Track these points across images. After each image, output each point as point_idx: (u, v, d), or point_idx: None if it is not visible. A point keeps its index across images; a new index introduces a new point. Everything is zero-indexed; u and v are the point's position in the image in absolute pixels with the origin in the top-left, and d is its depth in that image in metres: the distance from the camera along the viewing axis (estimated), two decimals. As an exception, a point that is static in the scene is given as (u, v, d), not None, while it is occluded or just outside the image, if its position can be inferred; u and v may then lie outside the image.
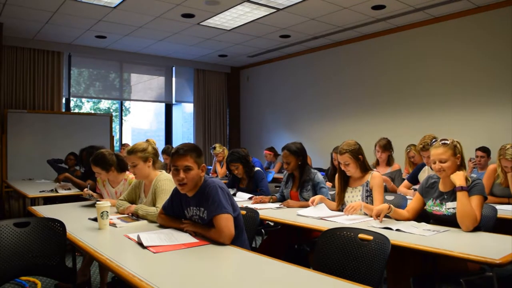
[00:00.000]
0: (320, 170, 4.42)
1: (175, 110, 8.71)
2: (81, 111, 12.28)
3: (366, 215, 2.63)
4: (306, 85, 7.48)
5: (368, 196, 2.80)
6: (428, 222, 2.37)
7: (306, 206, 2.99)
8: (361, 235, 1.87)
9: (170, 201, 2.31)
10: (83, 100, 12.75)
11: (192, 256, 1.79)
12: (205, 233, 2.02)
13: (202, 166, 2.12)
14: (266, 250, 2.90)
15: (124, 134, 8.52)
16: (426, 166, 3.66)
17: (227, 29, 6.05)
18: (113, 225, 2.35)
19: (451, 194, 2.32)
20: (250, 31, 6.19)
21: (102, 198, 3.21)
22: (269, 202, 3.38)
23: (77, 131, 6.63)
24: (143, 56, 7.63)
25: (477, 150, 4.41)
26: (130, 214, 2.61)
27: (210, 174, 6.21)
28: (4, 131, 6.09)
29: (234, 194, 3.79)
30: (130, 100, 8.28)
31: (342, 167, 2.87)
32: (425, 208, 2.46)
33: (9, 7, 5.06)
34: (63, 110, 6.99)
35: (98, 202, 2.29)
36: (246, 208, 2.67)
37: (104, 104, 13.42)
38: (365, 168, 2.87)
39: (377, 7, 5.13)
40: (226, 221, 1.97)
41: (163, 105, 8.52)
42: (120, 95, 7.90)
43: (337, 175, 2.99)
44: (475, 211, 2.17)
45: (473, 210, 2.16)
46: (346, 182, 2.93)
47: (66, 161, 5.55)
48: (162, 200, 2.48)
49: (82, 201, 3.30)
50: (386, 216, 2.41)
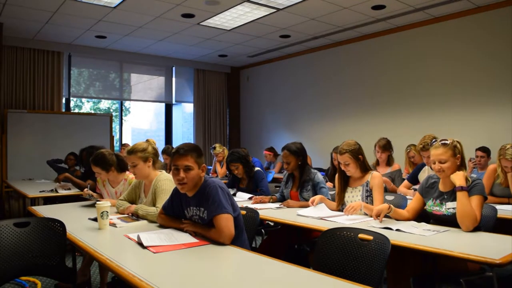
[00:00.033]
0: (320, 170, 4.42)
1: (175, 110, 8.70)
2: (81, 111, 12.28)
3: (366, 215, 2.63)
4: (306, 85, 7.48)
5: (368, 196, 2.80)
6: (428, 222, 2.37)
7: (306, 206, 2.99)
8: (361, 235, 1.87)
9: (170, 201, 2.31)
10: (83, 100, 12.76)
11: (192, 256, 1.79)
12: (205, 233, 2.02)
13: (202, 166, 2.12)
14: (266, 250, 2.90)
15: (124, 134, 8.53)
16: (426, 166, 3.66)
17: (227, 29, 6.05)
18: (113, 225, 2.35)
19: (451, 194, 2.32)
20: (250, 31, 6.19)
21: (102, 198, 3.21)
22: (269, 202, 3.38)
23: (77, 131, 6.63)
24: (143, 56, 7.63)
25: (477, 150, 4.41)
26: (130, 214, 2.61)
27: (210, 174, 6.21)
28: (4, 131, 6.09)
29: (234, 194, 3.79)
30: (130, 100, 8.28)
31: (342, 167, 2.87)
32: (425, 208, 2.46)
33: (9, 7, 5.06)
34: (63, 110, 6.99)
35: (98, 202, 2.29)
36: (246, 208, 2.67)
37: (104, 104, 13.42)
38: (365, 168, 2.87)
39: (377, 7, 5.13)
40: (226, 221, 1.97)
41: (163, 105, 8.52)
42: (120, 95, 7.90)
43: (337, 175, 2.99)
44: (475, 211, 2.17)
45: (473, 210, 2.16)
46: (346, 182, 2.93)
47: (66, 161, 5.56)
48: (162, 200, 2.48)
49: (82, 201, 3.30)
50: (386, 216, 2.41)
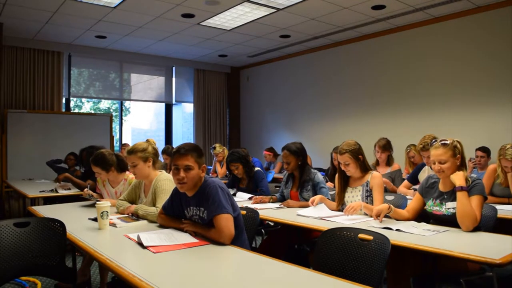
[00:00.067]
0: (320, 170, 4.42)
1: (175, 110, 8.70)
2: (81, 111, 12.28)
3: (366, 215, 2.63)
4: (306, 85, 7.48)
5: (368, 196, 2.80)
6: (428, 222, 2.37)
7: (306, 206, 2.99)
8: (361, 235, 1.87)
9: (170, 201, 2.31)
10: (83, 100, 12.76)
11: (192, 256, 1.79)
12: (205, 233, 2.02)
13: (202, 167, 2.12)
14: (266, 250, 2.90)
15: (124, 134, 8.53)
16: (426, 166, 3.66)
17: (227, 29, 6.05)
18: (113, 225, 2.35)
19: (451, 194, 2.32)
20: (250, 31, 6.19)
21: (102, 198, 3.21)
22: (269, 202, 3.38)
23: (77, 131, 6.63)
24: (143, 56, 7.63)
25: (477, 150, 4.41)
26: (130, 214, 2.61)
27: (210, 174, 6.21)
28: (4, 131, 6.09)
29: (234, 194, 3.79)
30: (130, 100, 8.28)
31: (342, 167, 2.87)
32: (425, 208, 2.46)
33: (9, 7, 5.06)
34: (63, 110, 6.99)
35: (98, 202, 2.29)
36: (246, 208, 2.67)
37: (104, 104, 13.42)
38: (365, 168, 2.87)
39: (377, 7, 5.13)
40: (226, 221, 1.97)
41: (163, 105, 8.52)
42: (120, 95, 7.90)
43: (337, 175, 2.99)
44: (475, 211, 2.16)
45: (473, 210, 2.16)
46: (346, 182, 2.93)
47: (66, 161, 5.56)
48: (162, 200, 2.48)
49: (82, 201, 3.30)
50: (386, 216, 2.41)
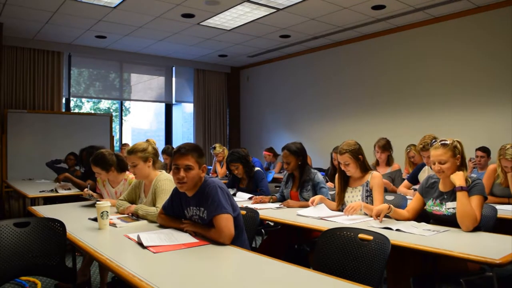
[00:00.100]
0: (320, 170, 4.42)
1: (175, 110, 8.70)
2: (81, 111, 12.28)
3: (366, 215, 2.63)
4: (306, 85, 7.47)
5: (368, 196, 2.80)
6: (428, 222, 2.37)
7: (306, 206, 2.99)
8: (361, 235, 1.87)
9: (170, 201, 2.31)
10: (83, 100, 12.76)
11: (192, 256, 1.79)
12: (205, 233, 2.02)
13: (203, 167, 2.12)
14: (266, 250, 2.90)
15: (124, 134, 8.53)
16: (426, 166, 3.66)
17: (227, 29, 6.05)
18: (113, 225, 2.35)
19: (451, 194, 2.32)
20: (250, 31, 6.19)
21: (102, 198, 3.21)
22: (269, 202, 3.38)
23: (77, 131, 6.64)
24: (143, 56, 7.63)
25: (477, 150, 4.41)
26: (130, 214, 2.61)
27: (210, 174, 6.21)
28: (4, 131, 6.09)
29: (234, 194, 3.79)
30: (130, 100, 8.28)
31: (342, 167, 2.87)
32: (425, 208, 2.46)
33: (9, 7, 5.06)
34: (63, 110, 6.99)
35: (98, 202, 2.29)
36: (246, 208, 2.67)
37: (104, 104, 13.42)
38: (365, 168, 2.87)
39: (377, 7, 5.13)
40: (226, 221, 1.97)
41: (163, 105, 8.52)
42: (120, 95, 7.90)
43: (337, 175, 2.99)
44: (475, 211, 2.16)
45: (473, 210, 2.16)
46: (346, 182, 2.93)
47: (66, 161, 5.57)
48: (162, 200, 2.48)
49: (82, 201, 3.30)
50: (386, 216, 2.41)
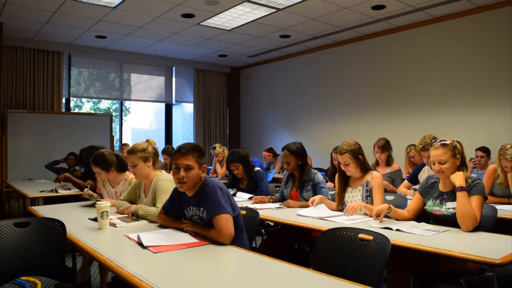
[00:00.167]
0: (320, 170, 4.42)
1: (175, 110, 8.70)
2: (81, 111, 12.28)
3: (366, 215, 2.63)
4: (306, 85, 7.47)
5: (368, 196, 2.80)
6: (428, 222, 2.37)
7: (306, 206, 2.99)
8: (361, 235, 1.87)
9: (170, 201, 2.31)
10: (83, 100, 12.76)
11: (192, 256, 1.79)
12: (205, 233, 2.02)
13: (203, 167, 2.12)
14: (266, 250, 2.90)
15: (124, 134, 8.53)
16: (426, 166, 3.66)
17: (227, 29, 6.05)
18: (113, 225, 2.35)
19: (451, 194, 2.32)
20: (250, 31, 6.19)
21: (102, 198, 3.21)
22: (269, 202, 3.38)
23: (77, 131, 6.64)
24: (143, 56, 7.63)
25: (477, 150, 4.41)
26: (130, 214, 2.61)
27: (210, 174, 6.21)
28: (4, 131, 6.09)
29: (234, 194, 3.79)
30: (130, 100, 8.28)
31: (342, 167, 2.87)
32: (425, 208, 2.46)
33: (9, 7, 5.06)
34: (63, 110, 6.99)
35: (98, 202, 2.29)
36: (246, 208, 2.67)
37: (104, 104, 13.42)
38: (365, 168, 2.87)
39: (377, 7, 5.13)
40: (226, 221, 1.97)
41: (163, 105, 8.52)
42: (120, 95, 7.90)
43: (337, 175, 2.99)
44: (475, 211, 2.16)
45: (473, 210, 2.16)
46: (346, 182, 2.93)
47: (66, 161, 5.57)
48: (162, 200, 2.48)
49: (82, 201, 3.30)
50: (386, 216, 2.40)
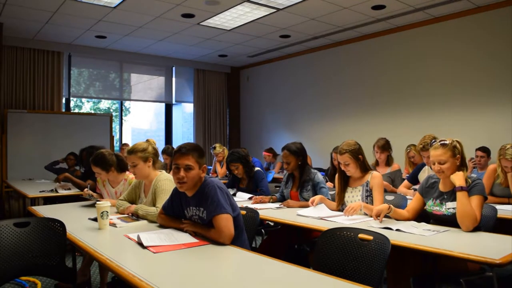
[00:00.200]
0: (320, 170, 4.42)
1: (175, 110, 8.70)
2: (81, 111, 12.28)
3: (366, 215, 2.63)
4: (306, 85, 7.47)
5: (368, 196, 2.80)
6: (428, 222, 2.37)
7: (306, 206, 2.99)
8: (361, 235, 1.87)
9: (170, 201, 2.31)
10: (83, 100, 12.76)
11: (192, 256, 1.79)
12: (205, 233, 2.02)
13: (203, 167, 2.12)
14: (266, 250, 2.90)
15: (124, 134, 8.53)
16: (426, 166, 3.65)
17: (227, 29, 6.05)
18: (113, 225, 2.35)
19: (451, 194, 2.32)
20: (250, 31, 6.19)
21: (102, 198, 3.21)
22: (269, 202, 3.38)
23: (77, 131, 6.64)
24: (143, 56, 7.63)
25: (477, 150, 4.41)
26: (130, 214, 2.61)
27: (210, 174, 6.21)
28: (4, 131, 6.09)
29: (234, 194, 3.79)
30: (130, 100, 8.28)
31: (342, 167, 2.87)
32: (425, 208, 2.46)
33: (9, 7, 5.06)
34: (63, 110, 6.99)
35: (98, 202, 2.29)
36: (246, 208, 2.67)
37: (104, 104, 13.42)
38: (365, 168, 2.87)
39: (377, 7, 5.13)
40: (226, 221, 1.97)
41: (163, 105, 8.52)
42: (120, 95, 7.89)
43: (337, 175, 2.99)
44: (475, 211, 2.16)
45: (473, 210, 2.16)
46: (346, 182, 2.93)
47: (66, 161, 5.57)
48: (162, 200, 2.48)
49: (82, 201, 3.30)
50: (386, 216, 2.40)
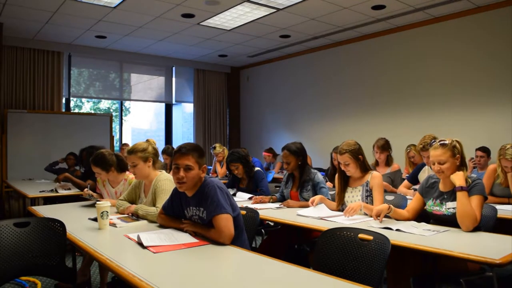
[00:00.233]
0: (320, 170, 4.42)
1: (175, 110, 8.70)
2: (81, 111, 12.28)
3: (366, 215, 2.63)
4: (306, 85, 7.47)
5: (368, 196, 2.80)
6: (428, 222, 2.37)
7: (306, 206, 2.99)
8: (361, 235, 1.87)
9: (170, 201, 2.31)
10: (83, 100, 12.76)
11: (192, 256, 1.79)
12: (205, 233, 2.02)
13: (203, 167, 2.12)
14: (266, 250, 2.90)
15: (124, 134, 8.53)
16: (426, 166, 3.66)
17: (227, 29, 6.05)
18: (113, 225, 2.35)
19: (451, 194, 2.32)
20: (250, 31, 6.19)
21: (102, 198, 3.21)
22: (269, 202, 3.38)
23: (77, 131, 6.64)
24: (143, 56, 7.63)
25: (477, 150, 4.41)
26: (130, 214, 2.61)
27: (210, 174, 6.21)
28: (4, 131, 6.09)
29: (234, 194, 3.79)
30: (130, 100, 8.28)
31: (342, 167, 2.87)
32: (425, 208, 2.46)
33: (9, 7, 5.06)
34: (63, 110, 6.99)
35: (98, 202, 2.29)
36: (246, 208, 2.67)
37: (104, 104, 13.42)
38: (365, 168, 2.87)
39: (377, 7, 5.13)
40: (226, 221, 1.97)
41: (163, 105, 8.52)
42: (120, 95, 7.90)
43: (337, 175, 2.99)
44: (475, 211, 2.16)
45: (473, 210, 2.16)
46: (346, 182, 2.93)
47: (66, 161, 5.57)
48: (162, 200, 2.48)
49: (82, 201, 3.30)
50: (386, 216, 2.40)
